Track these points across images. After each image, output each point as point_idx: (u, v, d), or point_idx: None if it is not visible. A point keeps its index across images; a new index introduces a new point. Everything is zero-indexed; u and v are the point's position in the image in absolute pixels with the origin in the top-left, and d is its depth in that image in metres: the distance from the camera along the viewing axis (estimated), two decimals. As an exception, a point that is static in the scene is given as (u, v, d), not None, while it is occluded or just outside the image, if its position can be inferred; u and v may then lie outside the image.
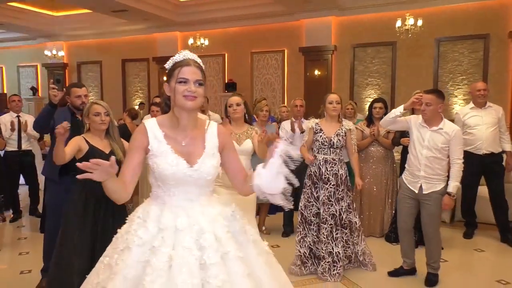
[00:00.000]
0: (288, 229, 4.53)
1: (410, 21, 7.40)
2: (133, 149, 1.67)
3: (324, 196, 3.44)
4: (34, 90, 10.74)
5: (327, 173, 3.46)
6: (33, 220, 5.08)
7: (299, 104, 4.81)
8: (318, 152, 3.54)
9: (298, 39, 8.95)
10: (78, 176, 1.44)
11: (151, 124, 1.68)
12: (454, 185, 3.16)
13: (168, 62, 1.69)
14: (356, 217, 3.58)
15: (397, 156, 4.76)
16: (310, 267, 3.47)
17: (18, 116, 5.13)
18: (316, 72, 8.87)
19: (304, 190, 3.54)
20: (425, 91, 3.27)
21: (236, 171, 1.79)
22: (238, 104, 3.13)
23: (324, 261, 3.39)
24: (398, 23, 7.45)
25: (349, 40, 8.71)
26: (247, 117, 3.19)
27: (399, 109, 3.34)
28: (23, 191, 5.39)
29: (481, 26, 7.62)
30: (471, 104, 4.39)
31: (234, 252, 1.58)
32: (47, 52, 10.15)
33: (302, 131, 4.43)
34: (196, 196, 1.69)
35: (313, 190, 3.51)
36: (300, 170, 1.84)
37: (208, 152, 1.70)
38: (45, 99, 10.67)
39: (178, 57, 1.68)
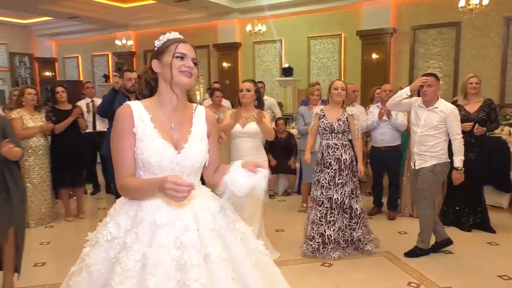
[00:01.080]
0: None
1: (475, 0, 7.16)
2: (123, 135, 1.53)
3: (323, 180, 3.63)
4: (106, 77, 11.82)
5: (329, 158, 3.65)
6: (109, 196, 5.86)
7: (389, 89, 4.78)
8: (322, 138, 3.74)
9: (356, 22, 8.99)
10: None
11: (137, 106, 1.57)
12: (459, 160, 3.44)
13: (159, 39, 1.61)
14: (358, 204, 3.68)
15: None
16: (313, 245, 3.66)
17: (92, 101, 5.93)
18: (374, 56, 8.87)
19: (313, 173, 3.78)
20: (425, 74, 3.53)
21: (212, 160, 1.71)
22: (248, 90, 3.42)
23: (313, 241, 3.61)
24: (462, 3, 7.25)
25: (409, 22, 8.59)
26: (256, 103, 3.47)
27: (406, 92, 3.57)
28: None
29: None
30: None
31: (218, 253, 1.47)
32: (117, 42, 11.13)
33: (389, 117, 4.58)
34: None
35: (318, 174, 3.72)
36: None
37: (196, 136, 1.62)
38: (115, 85, 11.71)
39: (170, 35, 1.61)
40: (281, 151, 5.79)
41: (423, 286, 3.10)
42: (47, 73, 13.48)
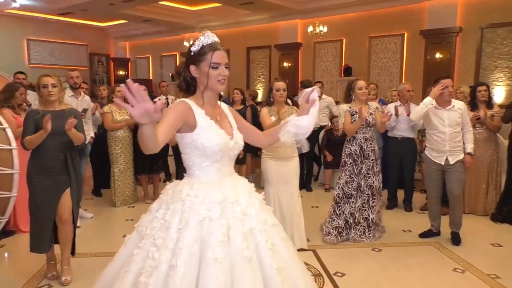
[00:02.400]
0: (391, 203, 5.40)
1: (547, -2, 7.05)
2: (174, 115, 1.73)
3: (365, 169, 4.07)
4: (173, 76, 12.81)
5: (368, 150, 4.09)
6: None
7: (409, 88, 5.26)
8: (357, 132, 4.09)
9: (420, 21, 9.08)
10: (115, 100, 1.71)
11: (191, 102, 1.82)
12: (471, 146, 3.88)
13: (195, 44, 1.79)
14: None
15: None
16: (344, 236, 4.14)
17: (166, 98, 6.71)
18: (438, 55, 8.92)
19: (345, 168, 4.16)
20: (443, 77, 3.90)
21: (251, 131, 2.09)
22: (284, 90, 3.86)
23: (360, 225, 4.08)
24: (533, 1, 7.16)
25: (476, 21, 8.54)
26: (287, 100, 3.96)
27: (429, 102, 3.86)
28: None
29: None
30: None
31: (271, 220, 1.90)
32: (185, 43, 12.06)
33: (408, 114, 4.97)
34: (231, 170, 1.95)
35: (354, 166, 4.11)
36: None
37: (234, 127, 1.96)
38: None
39: (205, 40, 1.79)
40: (337, 147, 6.18)
41: (468, 272, 3.42)
42: (121, 72, 14.84)
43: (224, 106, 2.01)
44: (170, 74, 13.05)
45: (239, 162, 5.93)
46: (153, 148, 1.57)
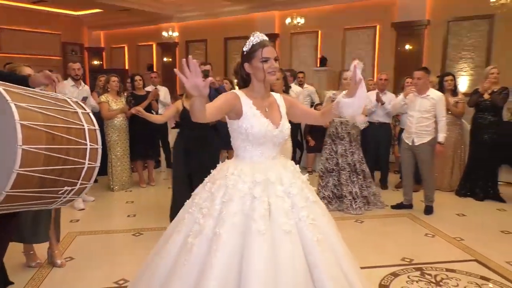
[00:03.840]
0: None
1: (506, -5, 7.83)
2: (223, 100, 2.00)
3: (341, 149, 4.79)
4: (150, 66, 13.03)
5: (343, 132, 4.82)
6: (169, 170, 7.04)
7: (384, 78, 5.90)
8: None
9: (391, 14, 9.75)
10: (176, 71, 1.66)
11: (240, 93, 2.07)
12: (442, 136, 4.49)
13: (246, 45, 2.05)
14: (366, 168, 4.88)
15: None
16: (335, 205, 4.85)
17: (156, 88, 7.07)
18: (407, 47, 9.64)
19: (326, 146, 4.93)
20: (416, 68, 4.57)
21: (309, 113, 2.36)
22: (278, 79, 3.95)
23: (346, 199, 4.76)
24: (493, -2, 7.93)
25: (443, 15, 9.27)
26: (284, 89, 4.17)
27: (402, 99, 4.67)
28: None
29: None
30: None
31: (312, 198, 2.09)
32: (164, 34, 12.32)
33: (382, 103, 5.60)
34: (276, 154, 2.14)
35: (333, 145, 4.86)
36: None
37: (284, 116, 2.16)
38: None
39: (255, 39, 2.04)
40: (319, 133, 6.77)
41: (437, 236, 4.08)
42: (95, 62, 14.90)
43: (277, 97, 2.23)
44: (147, 64, 13.28)
45: (229, 146, 6.41)
46: (200, 118, 1.81)
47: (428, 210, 4.72)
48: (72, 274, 3.30)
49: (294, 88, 7.30)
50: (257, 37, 2.03)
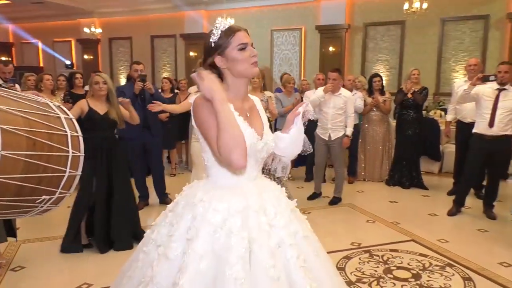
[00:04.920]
0: (309, 176, 6.24)
1: (416, 4, 8.79)
2: (212, 116, 1.48)
3: None
4: (71, 65, 12.34)
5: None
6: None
7: (321, 77, 6.29)
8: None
9: (315, 18, 10.40)
10: None
11: None
12: (350, 130, 5.04)
13: (213, 35, 1.58)
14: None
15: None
16: None
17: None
18: (331, 49, 10.34)
19: None
20: (331, 69, 4.98)
21: None
22: (257, 77, 4.34)
23: None
24: (406, 6, 8.85)
25: (361, 20, 10.13)
26: (263, 87, 4.48)
27: (322, 95, 4.91)
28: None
29: (482, 7, 8.98)
30: (466, 78, 5.43)
31: (303, 232, 1.63)
32: (86, 30, 11.72)
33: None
34: (257, 173, 1.68)
35: None
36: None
37: (266, 124, 1.71)
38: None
39: (222, 25, 1.59)
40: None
41: (377, 222, 4.56)
42: (3, 58, 13.63)
43: (255, 99, 1.79)
44: (67, 63, 12.57)
45: (169, 146, 6.40)
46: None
47: (334, 202, 5.14)
48: (29, 282, 3.20)
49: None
50: (223, 22, 1.61)
